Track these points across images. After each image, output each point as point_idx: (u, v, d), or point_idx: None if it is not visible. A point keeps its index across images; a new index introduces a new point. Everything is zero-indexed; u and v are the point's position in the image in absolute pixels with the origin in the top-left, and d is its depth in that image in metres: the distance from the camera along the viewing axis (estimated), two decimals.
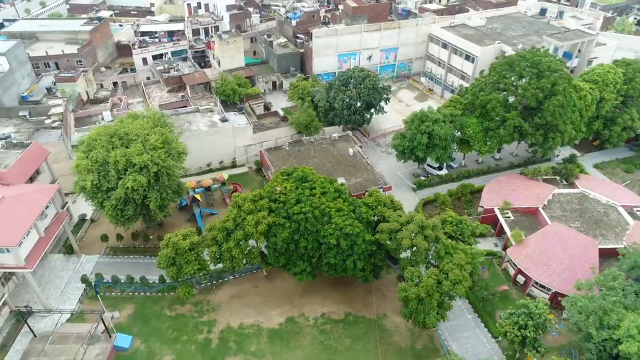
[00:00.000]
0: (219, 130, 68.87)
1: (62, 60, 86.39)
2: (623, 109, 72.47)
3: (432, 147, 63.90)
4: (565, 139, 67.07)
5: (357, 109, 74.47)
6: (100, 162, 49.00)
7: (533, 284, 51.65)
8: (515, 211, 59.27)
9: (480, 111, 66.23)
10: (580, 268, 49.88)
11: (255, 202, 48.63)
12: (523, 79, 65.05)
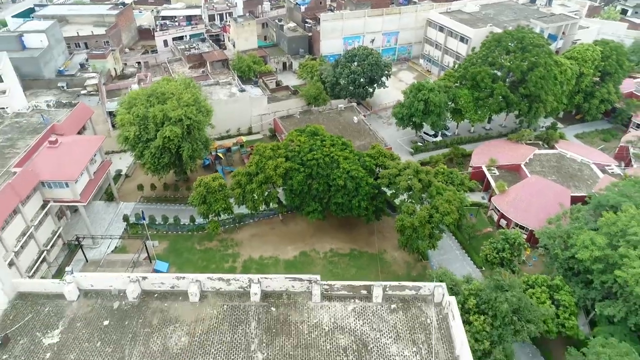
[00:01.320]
0: (237, 100, 76.90)
1: (91, 41, 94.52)
2: (601, 84, 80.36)
3: (427, 114, 71.76)
4: (548, 108, 75.00)
5: (361, 83, 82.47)
6: (141, 117, 57.11)
7: (513, 225, 59.48)
8: (500, 168, 67.20)
9: (471, 83, 74.10)
10: (554, 211, 57.46)
11: (274, 151, 56.72)
12: (510, 53, 72.94)
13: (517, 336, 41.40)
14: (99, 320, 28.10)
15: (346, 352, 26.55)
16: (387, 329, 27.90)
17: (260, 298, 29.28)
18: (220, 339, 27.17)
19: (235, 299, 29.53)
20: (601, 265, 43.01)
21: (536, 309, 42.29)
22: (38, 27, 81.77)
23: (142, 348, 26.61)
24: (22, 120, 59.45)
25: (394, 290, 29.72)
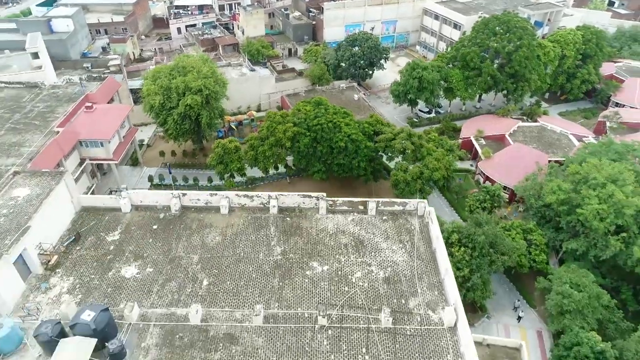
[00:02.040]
0: (247, 79, 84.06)
1: (110, 27, 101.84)
2: (582, 66, 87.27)
3: (421, 90, 78.74)
4: (532, 87, 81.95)
5: (361, 65, 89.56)
6: (165, 87, 64.26)
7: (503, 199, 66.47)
8: (486, 138, 74.12)
9: (462, 63, 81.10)
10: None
11: (284, 117, 63.80)
12: (496, 35, 79.79)
13: (492, 266, 48.39)
14: (149, 225, 35.09)
15: (346, 247, 33.51)
16: (379, 232, 34.84)
17: (277, 211, 36.25)
18: (246, 238, 34.16)
19: (257, 212, 36.49)
20: (566, 207, 50.00)
21: (509, 243, 49.35)
22: (65, 13, 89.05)
23: (185, 243, 33.61)
24: (58, 91, 66.57)
25: (385, 205, 36.70)
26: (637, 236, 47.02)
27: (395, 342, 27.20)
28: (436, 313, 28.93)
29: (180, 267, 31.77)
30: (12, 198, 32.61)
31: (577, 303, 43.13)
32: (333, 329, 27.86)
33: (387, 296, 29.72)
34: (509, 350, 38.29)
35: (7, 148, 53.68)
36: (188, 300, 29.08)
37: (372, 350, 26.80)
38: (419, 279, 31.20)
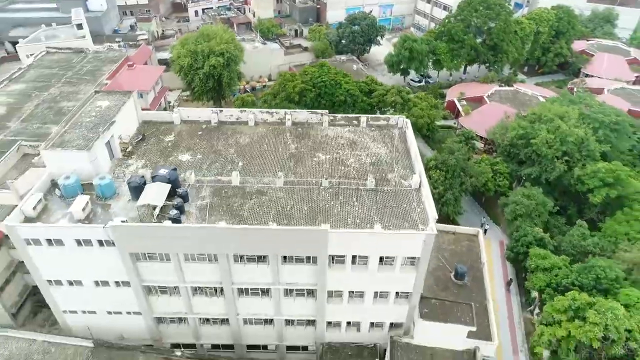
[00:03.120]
0: (259, 51, 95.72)
1: (136, 9, 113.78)
2: (555, 41, 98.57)
3: (411, 60, 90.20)
4: (510, 59, 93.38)
5: (360, 41, 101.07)
6: (192, 51, 75.94)
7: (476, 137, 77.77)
8: (467, 100, 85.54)
9: (448, 37, 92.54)
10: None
11: (293, 77, 75.40)
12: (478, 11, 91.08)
13: (462, 186, 59.86)
14: (195, 132, 46.52)
15: (343, 145, 44.89)
16: (368, 137, 46.22)
17: (291, 124, 47.64)
18: (268, 140, 45.57)
19: (276, 125, 47.87)
20: (524, 141, 61.46)
21: (476, 168, 60.85)
22: None
23: (223, 142, 45.06)
24: (101, 55, 78.18)
25: (373, 120, 48.14)
26: (578, 161, 58.33)
27: (377, 196, 38.60)
28: (406, 181, 40.32)
29: (221, 155, 43.28)
30: (97, 106, 44.17)
31: (527, 207, 54.63)
32: (333, 188, 39.24)
33: (372, 171, 41.05)
34: (469, 236, 49.60)
35: (66, 95, 65.39)
36: (229, 173, 40.53)
37: (360, 200, 38.19)
38: (396, 162, 42.57)
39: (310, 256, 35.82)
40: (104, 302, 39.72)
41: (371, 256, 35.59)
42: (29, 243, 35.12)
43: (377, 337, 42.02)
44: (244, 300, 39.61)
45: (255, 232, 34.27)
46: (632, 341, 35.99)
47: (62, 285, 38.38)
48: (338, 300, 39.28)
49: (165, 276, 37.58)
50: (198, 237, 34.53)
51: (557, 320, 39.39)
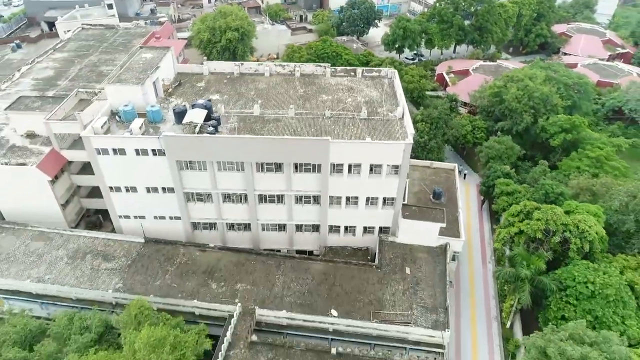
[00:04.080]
0: (269, 32, 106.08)
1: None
2: (537, 23, 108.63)
3: (405, 38, 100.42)
4: (495, 39, 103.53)
5: (359, 24, 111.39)
6: (210, 27, 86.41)
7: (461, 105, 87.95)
8: (455, 73, 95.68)
9: (438, 19, 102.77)
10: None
11: (299, 48, 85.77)
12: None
13: (444, 136, 70.01)
14: (222, 80, 56.77)
15: (342, 90, 55.05)
16: (363, 84, 56.36)
17: (299, 75, 57.91)
18: (281, 86, 55.72)
19: (287, 76, 58.20)
20: (498, 98, 71.61)
21: (457, 121, 71.06)
22: None
23: (245, 87, 55.22)
24: (130, 30, 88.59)
25: (367, 72, 58.38)
26: (543, 114, 68.38)
27: (368, 122, 48.77)
28: (393, 113, 50.52)
29: (244, 96, 53.57)
30: (143, 57, 54.58)
31: (498, 151, 64.79)
32: (333, 117, 49.46)
33: (365, 107, 51.27)
34: (447, 171, 59.80)
35: (104, 61, 75.80)
36: (251, 107, 50.80)
37: (355, 125, 48.33)
38: (385, 101, 52.77)
39: (315, 164, 46.05)
40: (152, 207, 50.12)
41: (363, 164, 45.83)
42: (99, 152, 45.55)
43: (368, 240, 52.24)
44: (263, 206, 49.93)
45: (273, 141, 44.69)
46: (567, 232, 46.04)
47: (120, 191, 48.82)
48: (337, 207, 49.53)
49: (202, 184, 47.95)
50: (229, 146, 44.89)
51: (512, 222, 49.56)
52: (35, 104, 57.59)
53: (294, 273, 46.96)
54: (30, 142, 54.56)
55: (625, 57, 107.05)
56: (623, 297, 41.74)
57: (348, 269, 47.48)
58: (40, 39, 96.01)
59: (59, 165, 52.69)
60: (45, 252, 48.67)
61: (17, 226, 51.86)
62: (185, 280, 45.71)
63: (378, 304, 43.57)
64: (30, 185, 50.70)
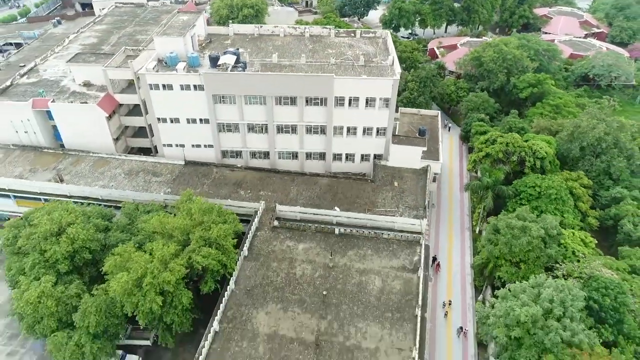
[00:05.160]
0: (278, 12, 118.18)
1: None
2: (520, 5, 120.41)
3: (401, 17, 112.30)
4: (481, 19, 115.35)
5: (360, 5, 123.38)
6: (228, 5, 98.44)
7: (448, 74, 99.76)
8: (445, 47, 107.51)
9: (431, 0, 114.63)
10: None
11: (306, 23, 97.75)
12: None
13: (431, 93, 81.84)
14: (244, 39, 68.84)
15: (344, 46, 66.91)
16: (362, 42, 68.10)
17: (308, 36, 69.88)
18: (294, 43, 67.73)
19: (298, 36, 70.21)
20: (478, 61, 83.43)
21: (442, 82, 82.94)
22: None
23: (264, 44, 67.23)
24: (157, 8, 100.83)
25: (365, 33, 70.38)
26: (515, 75, 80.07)
27: (365, 67, 60.63)
28: (385, 62, 62.35)
29: (263, 49, 65.45)
30: (181, 19, 66.65)
31: (475, 102, 76.66)
32: (337, 64, 61.27)
33: (363, 57, 63.04)
34: (432, 117, 71.66)
35: (138, 32, 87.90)
36: (270, 56, 62.67)
37: (354, 69, 60.26)
38: (379, 54, 64.56)
39: (322, 98, 57.92)
40: (190, 136, 62.10)
41: (361, 97, 57.71)
42: (151, 88, 57.61)
43: (365, 167, 64.08)
44: (279, 136, 61.86)
45: (288, 76, 56.75)
46: (523, 152, 57.81)
47: (166, 122, 60.87)
48: (340, 136, 61.43)
49: (232, 116, 59.94)
50: (254, 81, 56.87)
51: (480, 148, 61.42)
52: (91, 59, 69.77)
53: (305, 185, 58.98)
54: (87, 89, 66.68)
55: (600, 36, 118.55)
56: (562, 196, 53.49)
57: (348, 182, 59.49)
58: (77, 16, 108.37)
59: (112, 105, 64.80)
60: (106, 171, 60.81)
61: (81, 153, 64.01)
62: (219, 189, 57.72)
63: (372, 204, 55.54)
64: (91, 120, 62.82)
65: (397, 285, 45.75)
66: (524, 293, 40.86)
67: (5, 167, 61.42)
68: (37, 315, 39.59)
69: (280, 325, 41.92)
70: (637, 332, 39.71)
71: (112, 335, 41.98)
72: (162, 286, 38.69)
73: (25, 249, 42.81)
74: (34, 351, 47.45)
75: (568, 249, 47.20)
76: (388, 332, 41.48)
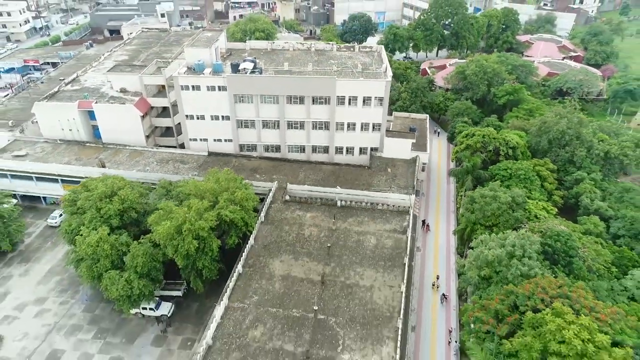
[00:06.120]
0: (285, 38, 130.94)
1: (190, 13, 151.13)
2: (504, 32, 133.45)
3: (396, 42, 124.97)
4: (468, 43, 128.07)
5: (359, 32, 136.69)
6: (242, 29, 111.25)
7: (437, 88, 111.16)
8: (435, 68, 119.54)
9: (422, 27, 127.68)
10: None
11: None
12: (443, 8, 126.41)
13: (421, 103, 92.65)
14: (259, 52, 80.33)
15: (345, 58, 78.34)
16: (360, 55, 79.36)
17: (314, 50, 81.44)
18: (302, 56, 79.08)
19: (305, 50, 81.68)
20: (462, 75, 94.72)
21: (432, 94, 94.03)
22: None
23: (276, 56, 78.57)
24: (179, 32, 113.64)
25: (362, 48, 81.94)
26: (495, 85, 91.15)
27: (362, 73, 71.61)
28: (379, 69, 73.34)
29: (276, 60, 76.68)
30: (205, 35, 78.44)
31: (459, 109, 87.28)
32: (338, 71, 72.36)
33: (360, 65, 74.12)
34: (421, 120, 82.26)
35: (164, 51, 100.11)
36: (282, 65, 73.77)
37: (353, 75, 71.23)
38: (374, 63, 75.71)
39: (326, 97, 68.53)
40: (213, 131, 72.43)
41: (359, 97, 68.35)
42: (182, 88, 68.48)
43: (363, 160, 74.01)
44: (290, 132, 72.16)
45: (298, 78, 67.63)
46: (497, 143, 67.81)
47: (193, 119, 71.39)
48: (341, 131, 71.71)
49: (249, 113, 70.47)
50: (268, 83, 67.72)
51: (462, 142, 71.51)
52: (127, 69, 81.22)
53: (311, 171, 68.91)
54: (123, 95, 77.71)
55: (577, 59, 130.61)
56: (530, 177, 63.11)
57: (349, 169, 69.42)
58: (106, 41, 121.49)
59: (146, 107, 75.66)
60: (141, 160, 70.99)
61: (118, 146, 74.35)
62: (238, 174, 66.76)
63: (368, 185, 65.21)
64: (127, 118, 73.52)
65: (389, 243, 54.83)
66: (492, 242, 49.94)
67: (54, 157, 71.63)
68: (95, 257, 48.65)
69: (292, 269, 50.85)
70: (584, 273, 48.36)
71: (153, 278, 50.83)
72: (198, 232, 47.97)
73: (83, 208, 52.31)
74: (81, 301, 56.20)
75: (532, 213, 56.44)
76: (381, 274, 50.32)
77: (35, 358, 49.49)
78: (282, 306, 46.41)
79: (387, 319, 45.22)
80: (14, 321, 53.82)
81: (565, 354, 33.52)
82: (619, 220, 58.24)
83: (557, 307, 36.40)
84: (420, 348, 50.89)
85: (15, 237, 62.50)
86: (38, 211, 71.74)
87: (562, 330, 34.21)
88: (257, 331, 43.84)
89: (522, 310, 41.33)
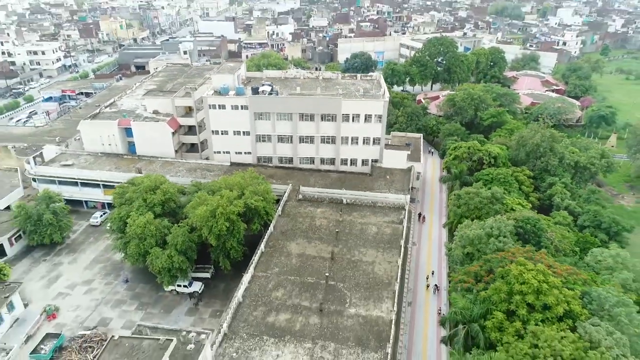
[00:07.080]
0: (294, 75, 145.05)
1: (207, 52, 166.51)
2: (492, 68, 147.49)
3: (393, 77, 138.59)
4: (460, 78, 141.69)
5: (360, 68, 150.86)
6: (256, 64, 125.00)
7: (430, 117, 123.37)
8: (429, 98, 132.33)
9: (418, 64, 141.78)
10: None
11: None
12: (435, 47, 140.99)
13: (416, 125, 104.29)
14: (275, 80, 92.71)
15: (348, 84, 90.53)
16: (361, 82, 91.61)
17: (322, 78, 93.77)
18: (311, 83, 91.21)
19: (313, 78, 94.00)
20: (452, 102, 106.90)
21: (426, 119, 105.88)
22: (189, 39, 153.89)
23: (288, 83, 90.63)
24: (200, 66, 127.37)
25: (364, 77, 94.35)
26: (481, 110, 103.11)
27: (364, 95, 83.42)
28: (378, 92, 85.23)
29: (289, 86, 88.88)
30: (228, 65, 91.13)
31: (450, 130, 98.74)
32: (344, 94, 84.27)
33: (362, 90, 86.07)
34: (416, 139, 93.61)
35: (188, 81, 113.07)
36: (295, 89, 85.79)
37: (356, 97, 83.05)
38: (373, 88, 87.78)
39: (333, 115, 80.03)
40: (235, 145, 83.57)
41: (361, 114, 79.86)
42: (210, 107, 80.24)
43: (365, 170, 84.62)
44: (301, 145, 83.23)
45: (308, 98, 79.44)
46: (481, 154, 78.56)
47: (218, 134, 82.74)
48: (345, 145, 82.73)
49: (266, 129, 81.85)
50: (284, 102, 79.48)
51: (450, 154, 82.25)
52: (159, 94, 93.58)
53: (320, 177, 79.49)
54: (155, 115, 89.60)
55: (559, 92, 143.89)
56: (509, 180, 73.48)
57: (353, 176, 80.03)
58: (133, 74, 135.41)
59: (176, 125, 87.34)
60: (172, 169, 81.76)
61: (151, 158, 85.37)
62: None
63: (370, 188, 75.52)
64: (160, 134, 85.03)
65: (388, 230, 64.53)
66: (474, 226, 59.68)
67: (97, 167, 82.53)
68: (143, 236, 58.41)
69: (306, 249, 60.38)
70: (552, 251, 57.74)
71: (188, 258, 60.32)
72: (229, 215, 57.97)
73: (131, 199, 62.57)
74: (122, 282, 65.32)
75: (509, 206, 66.39)
76: (381, 254, 59.75)
77: (88, 323, 58.24)
78: (299, 275, 55.72)
79: (386, 284, 54.38)
80: (67, 297, 62.80)
81: (525, 292, 42.67)
82: (584, 214, 68.07)
83: (520, 260, 45.85)
84: (415, 318, 59.57)
85: (64, 231, 72.27)
86: (80, 214, 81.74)
87: (523, 274, 43.50)
88: (279, 292, 52.98)
89: (495, 273, 50.61)
